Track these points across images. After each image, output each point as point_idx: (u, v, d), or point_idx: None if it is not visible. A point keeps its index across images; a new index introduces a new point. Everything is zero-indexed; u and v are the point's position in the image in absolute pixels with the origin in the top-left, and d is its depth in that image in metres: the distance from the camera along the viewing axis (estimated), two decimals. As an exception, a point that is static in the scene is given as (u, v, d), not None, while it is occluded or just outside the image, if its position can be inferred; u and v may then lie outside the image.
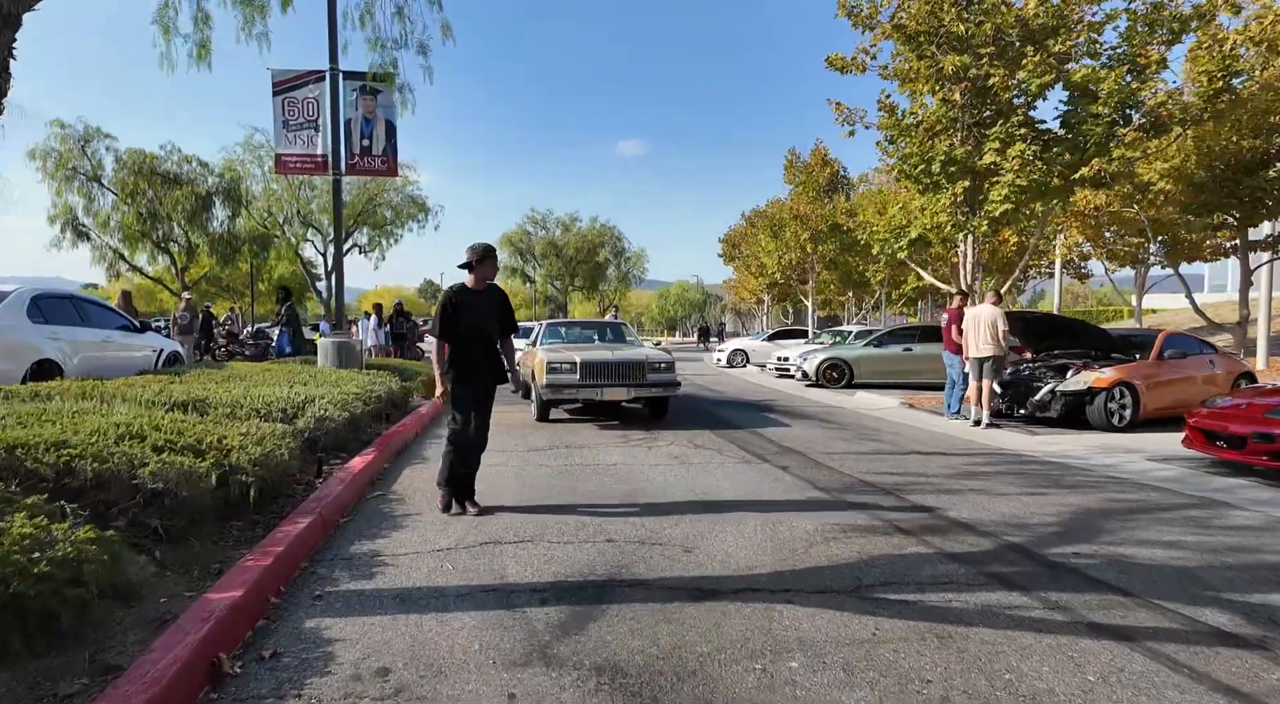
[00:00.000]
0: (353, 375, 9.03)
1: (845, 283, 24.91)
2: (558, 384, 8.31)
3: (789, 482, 5.55)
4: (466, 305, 4.51)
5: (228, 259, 24.43)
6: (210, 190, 23.23)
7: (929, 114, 10.84)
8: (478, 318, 4.55)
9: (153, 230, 22.51)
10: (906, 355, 14.21)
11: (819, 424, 9.08)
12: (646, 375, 8.47)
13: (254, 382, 7.49)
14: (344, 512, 4.49)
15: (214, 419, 5.01)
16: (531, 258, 43.15)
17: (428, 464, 6.16)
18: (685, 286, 69.19)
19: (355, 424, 6.76)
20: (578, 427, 8.51)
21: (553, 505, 4.77)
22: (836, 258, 20.21)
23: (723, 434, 8.02)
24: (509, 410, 10.01)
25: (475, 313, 4.54)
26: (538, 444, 7.24)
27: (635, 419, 9.23)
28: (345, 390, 7.43)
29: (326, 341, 10.39)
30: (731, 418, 9.61)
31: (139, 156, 21.76)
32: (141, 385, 6.34)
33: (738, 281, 35.42)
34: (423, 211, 28.55)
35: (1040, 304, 64.72)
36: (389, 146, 10.56)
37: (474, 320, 4.53)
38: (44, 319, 7.24)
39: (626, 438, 7.67)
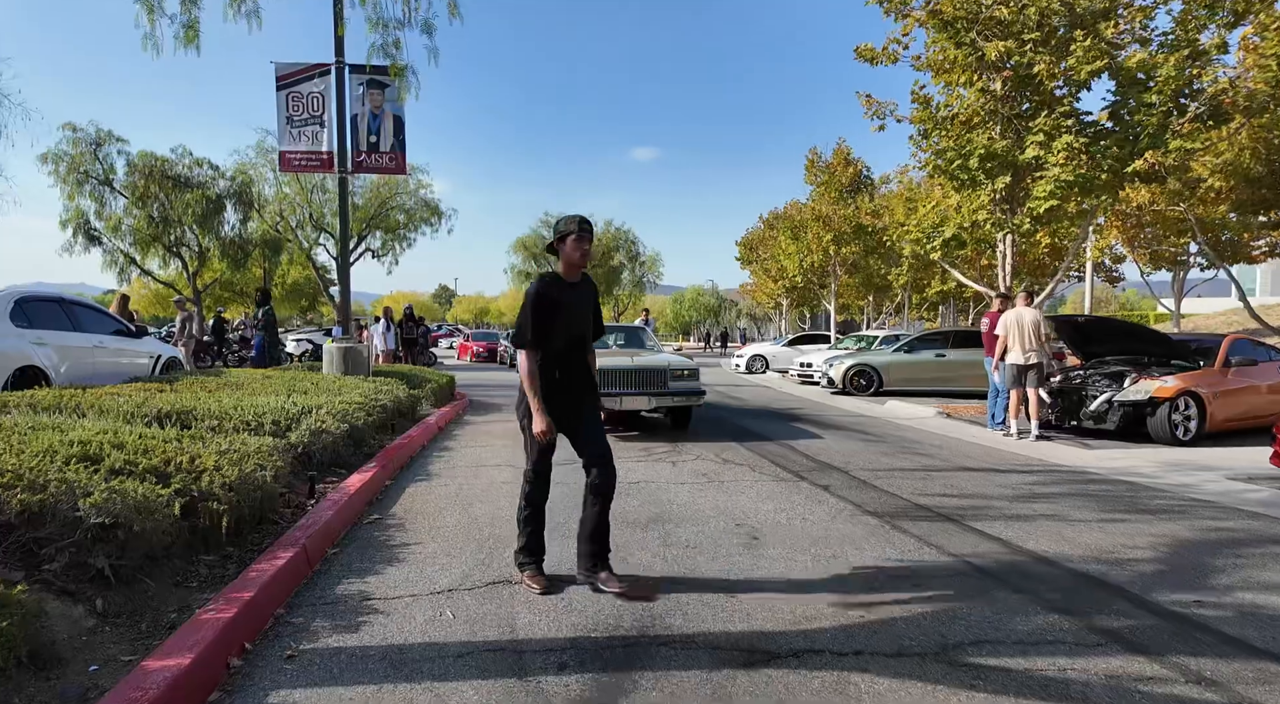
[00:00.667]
0: (357, 383, 8.55)
1: (866, 286, 24.22)
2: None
3: (834, 505, 4.95)
4: (564, 303, 3.24)
5: (239, 263, 24.17)
6: (221, 194, 23.00)
7: (966, 105, 10.22)
8: (577, 320, 3.32)
9: (164, 234, 22.29)
10: (939, 361, 13.53)
11: (854, 436, 8.46)
12: (668, 383, 7.91)
13: (250, 390, 7.02)
14: (334, 540, 3.96)
15: (195, 434, 4.51)
16: (546, 262, 42.66)
17: (432, 481, 5.63)
18: (700, 291, 68.50)
19: (356, 437, 6.26)
20: (595, 438, 7.94)
21: (570, 532, 4.21)
22: (859, 260, 19.55)
23: (752, 447, 7.43)
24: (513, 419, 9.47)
25: (574, 312, 3.29)
26: (553, 458, 6.68)
27: (657, 430, 8.66)
28: (348, 399, 6.94)
29: (332, 347, 9.93)
30: (759, 429, 9.01)
31: (150, 160, 21.55)
32: (126, 395, 5.88)
33: (755, 285, 34.75)
34: (436, 215, 28.19)
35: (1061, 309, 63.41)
36: (397, 142, 10.10)
37: (573, 323, 3.30)
38: (28, 323, 6.80)
39: (649, 451, 7.10)
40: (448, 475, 5.86)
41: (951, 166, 10.45)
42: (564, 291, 3.25)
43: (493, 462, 6.49)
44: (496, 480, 5.66)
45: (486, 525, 4.35)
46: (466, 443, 7.65)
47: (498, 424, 9.26)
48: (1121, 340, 9.25)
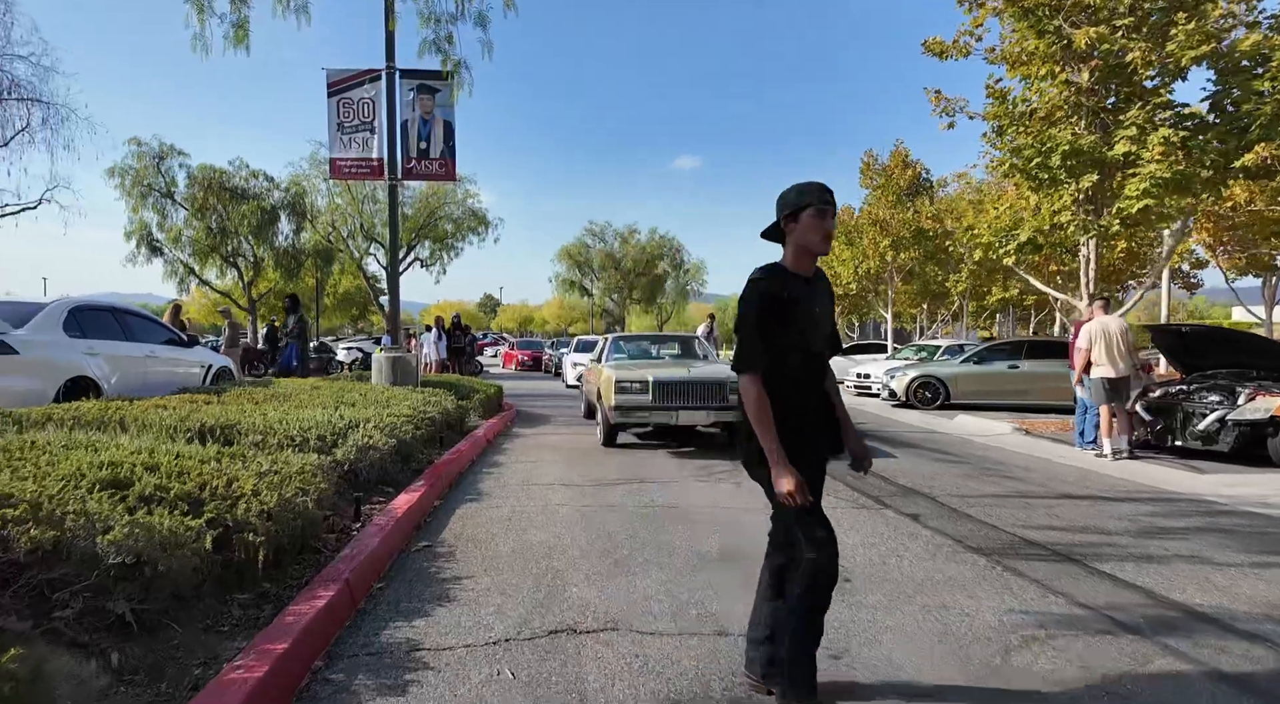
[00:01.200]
0: (406, 394, 8.31)
1: (923, 294, 23.26)
2: (628, 405, 7.35)
3: (929, 539, 4.40)
4: (801, 305, 2.27)
5: (292, 273, 24.63)
6: (276, 204, 23.48)
7: (1047, 99, 9.50)
8: (818, 329, 2.34)
9: (221, 245, 22.85)
10: (1012, 373, 12.69)
11: (930, 455, 7.82)
12: (728, 396, 7.42)
13: (297, 402, 6.81)
14: (380, 572, 3.61)
15: (237, 451, 4.23)
16: (590, 270, 42.65)
17: (483, 502, 5.27)
18: (744, 299, 67.70)
19: (404, 452, 5.97)
20: (650, 455, 7.51)
21: (635, 566, 3.78)
22: (917, 267, 18.71)
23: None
24: (567, 433, 9.11)
25: (814, 319, 2.32)
26: (606, 477, 6.28)
27: (713, 445, 8.18)
28: (396, 411, 6.67)
29: (380, 357, 9.75)
30: (823, 445, 8.44)
31: (209, 172, 22.15)
32: (172, 407, 5.70)
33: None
34: (483, 224, 28.31)
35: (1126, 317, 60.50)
36: (447, 149, 9.91)
37: (812, 334, 2.32)
38: (81, 333, 6.73)
39: (709, 470, 6.63)
40: (499, 495, 5.50)
41: (1030, 165, 9.72)
42: (799, 289, 2.26)
43: (545, 479, 6.11)
44: (551, 502, 5.27)
45: (543, 556, 3.95)
46: (516, 457, 7.31)
47: (546, 436, 8.92)
48: (1226, 352, 8.38)
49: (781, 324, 2.24)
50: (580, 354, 18.22)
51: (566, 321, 72.92)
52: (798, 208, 2.27)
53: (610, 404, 7.39)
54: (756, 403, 2.20)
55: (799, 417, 2.26)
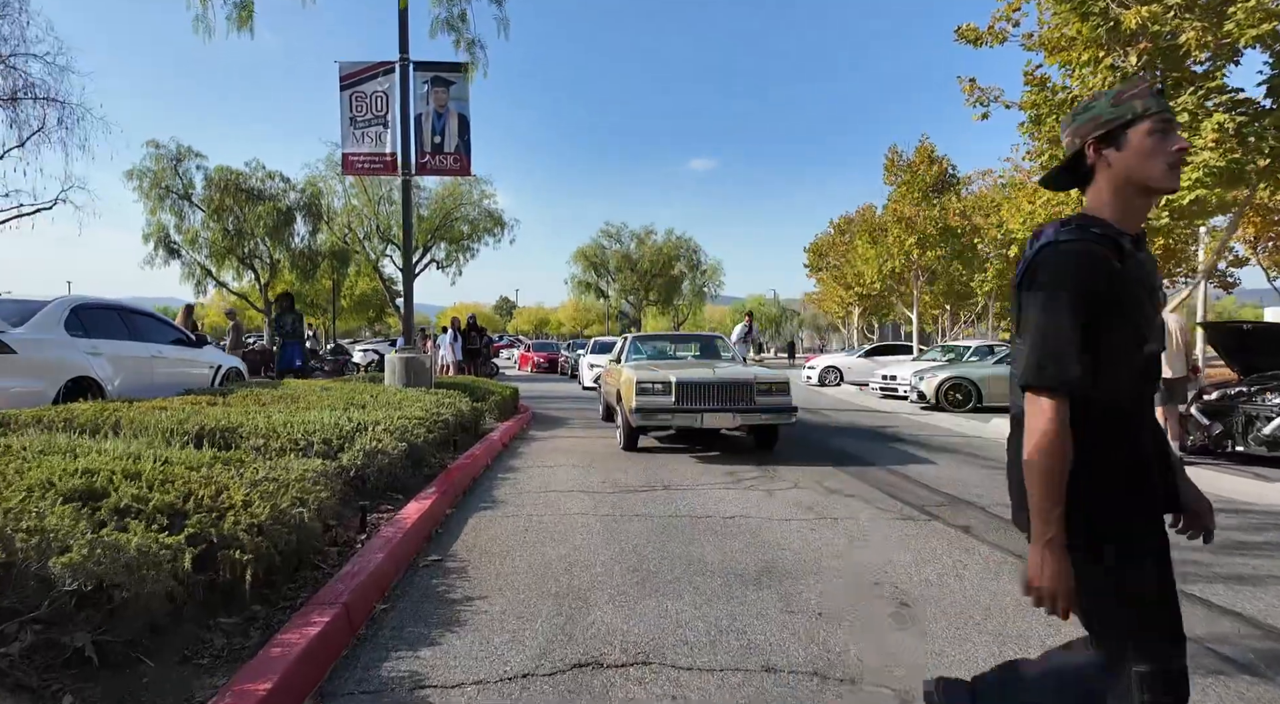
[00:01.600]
0: (419, 396, 8.01)
1: (947, 294, 22.66)
2: (649, 408, 6.99)
3: (987, 556, 3.99)
4: (1134, 285, 1.42)
5: (308, 274, 24.58)
6: (292, 206, 23.43)
7: (1090, 86, 9.01)
8: (1150, 323, 1.46)
9: (238, 246, 22.82)
10: (1046, 375, 12.14)
11: (971, 461, 7.38)
12: (755, 398, 7.03)
13: (305, 403, 6.52)
14: (384, 590, 3.28)
15: (234, 456, 3.93)
16: (606, 272, 42.34)
17: (498, 510, 4.93)
18: (761, 301, 66.99)
19: (415, 456, 5.66)
20: (673, 459, 7.15)
21: (665, 585, 3.42)
22: (942, 266, 18.16)
23: (857, 474, 6.48)
24: (584, 437, 8.77)
25: (1146, 305, 1.45)
26: (628, 482, 5.93)
27: (739, 449, 7.80)
28: (408, 413, 6.36)
29: (394, 358, 9.47)
30: (855, 450, 8.03)
31: (225, 173, 22.13)
32: (173, 409, 5.43)
33: (822, 293, 33.35)
34: (499, 225, 28.11)
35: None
36: (461, 143, 9.62)
37: (1147, 327, 1.45)
38: (84, 332, 6.50)
39: (736, 476, 6.25)
40: (514, 503, 5.16)
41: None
42: (1129, 256, 1.43)
43: (562, 486, 5.76)
44: (569, 511, 4.92)
45: (562, 573, 3.60)
46: (532, 462, 6.97)
47: (563, 440, 8.57)
48: (1287, 351, 7.86)
49: (1115, 313, 1.39)
50: (597, 356, 17.89)
51: (582, 324, 72.76)
52: (1120, 122, 1.43)
53: (631, 406, 7.04)
54: (1051, 440, 1.35)
55: (1136, 464, 1.43)
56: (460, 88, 9.52)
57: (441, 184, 27.59)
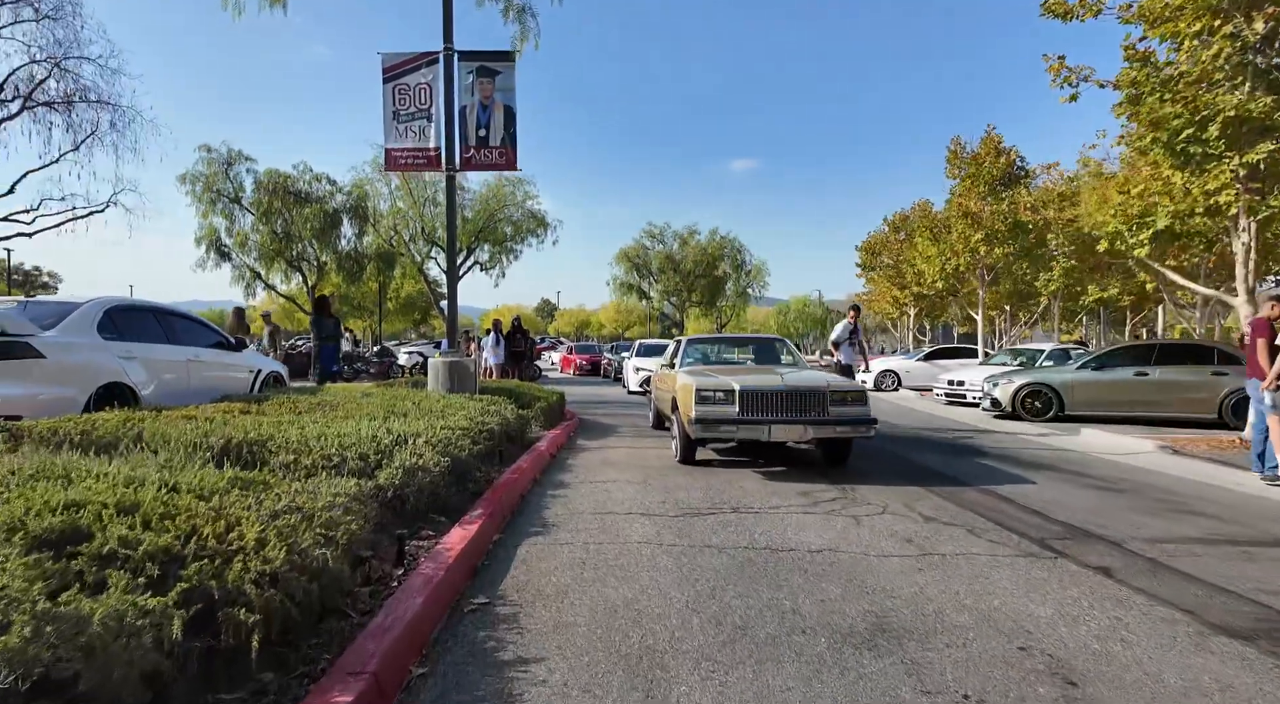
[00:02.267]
0: (463, 402, 7.55)
1: (1012, 294, 21.40)
2: (711, 419, 6.36)
3: (1147, 611, 3.25)
4: None
5: (354, 277, 24.66)
6: (338, 208, 23.51)
7: (1202, 59, 8.05)
8: None
9: (286, 249, 23.00)
10: (1140, 381, 11.10)
11: (1075, 480, 6.55)
12: (828, 408, 6.34)
13: (344, 412, 6.10)
14: (421, 648, 2.74)
15: (259, 476, 3.47)
16: (648, 273, 41.80)
17: (550, 535, 4.38)
18: (806, 302, 65.56)
19: (460, 470, 5.16)
20: (736, 474, 6.51)
21: (758, 647, 2.79)
22: (1009, 264, 17.01)
23: (947, 495, 5.74)
24: (636, 447, 8.17)
25: None
26: (692, 503, 5.32)
27: (807, 463, 7.12)
28: (452, 423, 5.89)
29: (437, 362, 9.05)
30: (937, 465, 7.26)
31: (274, 176, 22.31)
32: (203, 418, 5.04)
33: (875, 293, 32.14)
34: (542, 226, 27.83)
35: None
36: (507, 136, 9.15)
37: None
38: (118, 335, 6.20)
39: (811, 497, 5.58)
40: (568, 528, 4.60)
41: (1177, 138, 8.29)
42: None
43: (620, 507, 5.18)
44: (631, 538, 4.34)
45: (631, 625, 3.01)
46: (583, 476, 6.42)
47: (614, 450, 8.01)
48: None
49: None
50: (644, 359, 17.33)
51: (623, 325, 72.44)
52: None
53: (690, 417, 6.42)
54: None
55: None
56: (506, 78, 9.05)
57: (485, 185, 27.49)
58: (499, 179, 27.07)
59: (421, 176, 27.24)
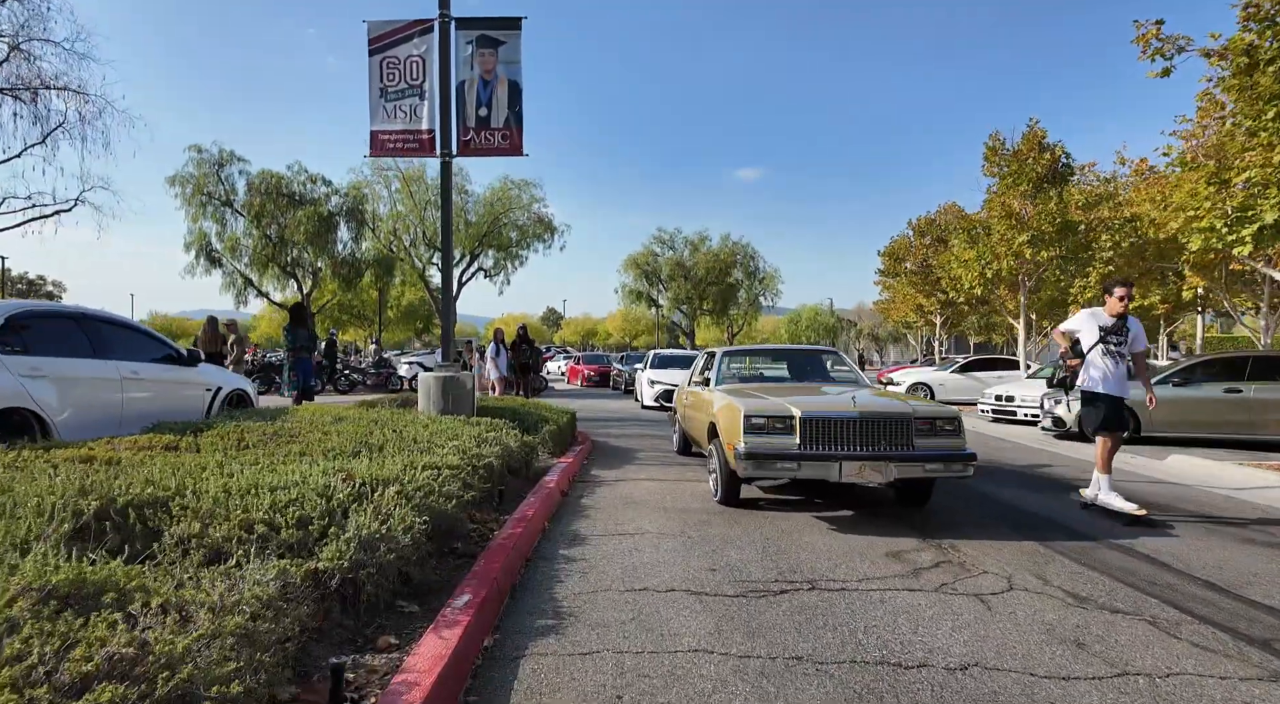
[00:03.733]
0: (457, 427, 6.31)
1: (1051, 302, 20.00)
2: (764, 452, 5.05)
3: None
4: None
5: (350, 283, 23.47)
6: (334, 211, 22.35)
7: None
8: None
9: (279, 254, 21.84)
10: (1230, 399, 9.75)
11: (1216, 530, 5.22)
12: (914, 440, 5.03)
13: (302, 444, 4.85)
14: None
15: (136, 569, 2.20)
16: (657, 280, 40.54)
17: (565, 638, 3.08)
18: (817, 311, 64.06)
19: (447, 527, 3.92)
20: (794, 521, 5.22)
21: None
22: (1055, 268, 15.66)
23: (1075, 555, 4.43)
24: (662, 479, 6.86)
25: None
26: (751, 571, 4.03)
27: (874, 500, 5.82)
28: (439, 458, 4.64)
29: (429, 378, 7.80)
30: (1032, 505, 5.95)
31: (267, 177, 21.20)
32: (103, 459, 3.79)
33: (896, 300, 30.73)
34: (549, 231, 26.63)
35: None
36: (512, 116, 7.93)
37: None
38: (23, 348, 4.97)
39: (904, 559, 4.28)
40: (589, 620, 3.31)
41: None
42: None
43: (656, 577, 3.89)
44: (682, 639, 3.05)
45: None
46: (603, 523, 5.13)
47: (636, 483, 6.72)
48: None
49: None
50: (660, 371, 16.06)
51: (630, 334, 71.22)
52: None
53: (737, 449, 5.12)
54: None
55: None
56: (511, 49, 7.84)
57: (489, 188, 26.31)
58: (504, 181, 25.99)
59: (423, 178, 26.12)
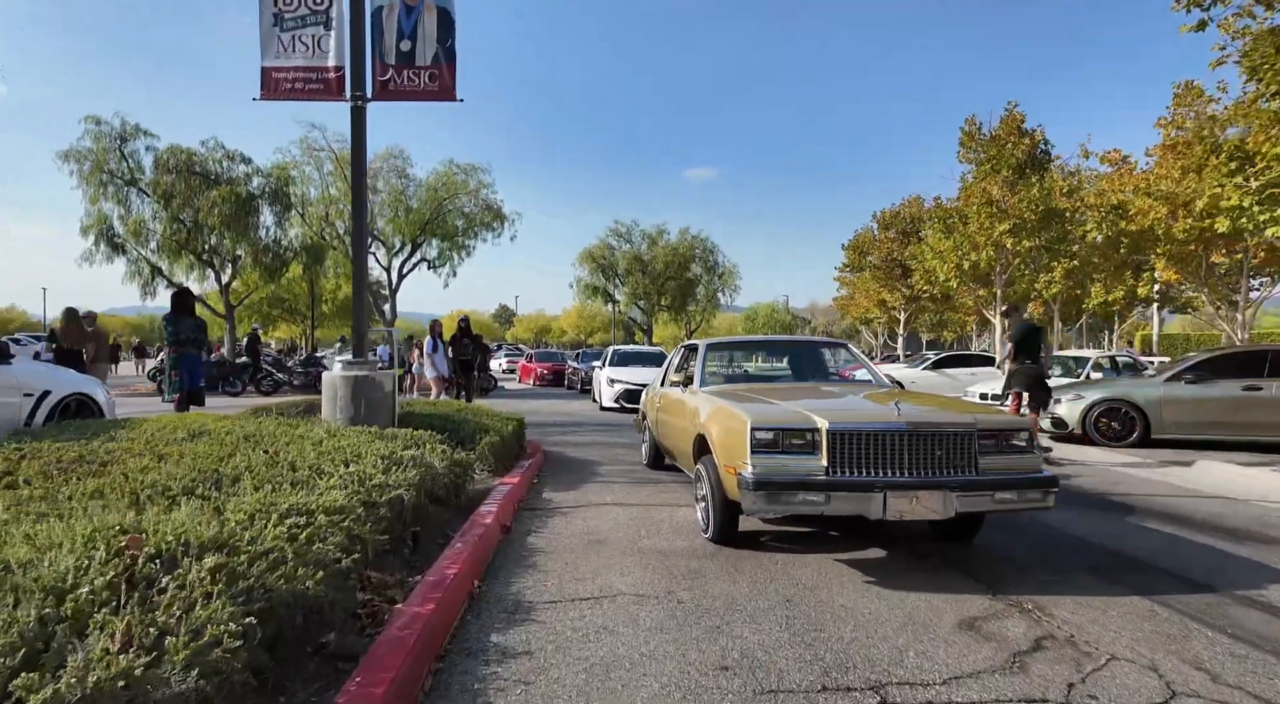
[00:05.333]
0: (364, 443, 4.80)
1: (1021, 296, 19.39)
2: (779, 479, 3.68)
3: None
4: None
5: (275, 273, 21.24)
6: (255, 192, 20.13)
7: None
8: None
9: (194, 240, 19.52)
10: (1250, 397, 8.91)
11: (1350, 569, 4.10)
12: (975, 460, 3.75)
13: (115, 475, 3.27)
14: None
15: None
16: (614, 275, 39.09)
17: None
18: (774, 308, 63.64)
19: (312, 607, 2.47)
20: (805, 564, 3.91)
21: None
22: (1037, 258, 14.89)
23: (1207, 615, 3.22)
24: (634, 503, 5.44)
25: None
26: (767, 656, 2.71)
27: (906, 535, 4.54)
28: (317, 498, 3.19)
29: (335, 378, 6.22)
30: (1094, 535, 4.76)
31: (177, 153, 18.88)
32: None
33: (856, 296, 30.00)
34: (498, 220, 24.86)
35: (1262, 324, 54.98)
36: (442, 51, 6.41)
37: None
38: None
39: (979, 630, 3.01)
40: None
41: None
42: None
43: (646, 695, 2.50)
44: None
45: None
46: (559, 585, 3.70)
47: (601, 511, 5.30)
48: None
49: None
50: (620, 369, 14.66)
51: (586, 331, 69.61)
52: None
53: (743, 475, 3.74)
54: None
55: None
56: (439, -34, 6.32)
57: (433, 172, 24.42)
58: (448, 165, 24.09)
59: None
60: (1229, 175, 8.21)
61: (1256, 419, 8.81)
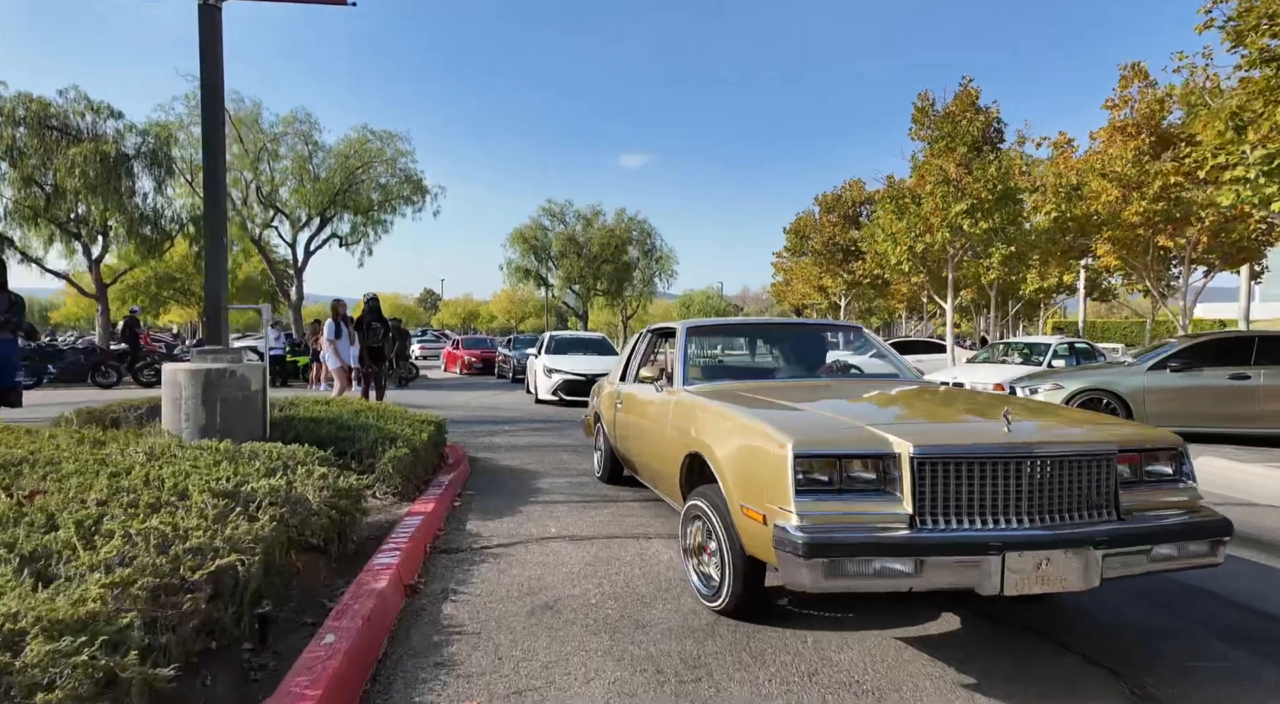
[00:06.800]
0: (206, 466, 3.25)
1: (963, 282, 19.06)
2: (851, 541, 2.38)
3: None
4: None
5: (155, 247, 18.48)
6: (129, 153, 17.34)
7: None
8: None
9: (53, 207, 16.61)
10: (1237, 386, 8.34)
11: None
12: (1119, 502, 2.57)
13: None
14: None
15: None
16: (547, 257, 37.25)
17: None
18: (710, 294, 63.13)
19: None
20: (850, 646, 2.67)
21: None
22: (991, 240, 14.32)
23: None
24: (586, 537, 4.06)
25: None
26: None
27: (965, 591, 3.39)
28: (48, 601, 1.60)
29: (179, 372, 4.56)
30: (1191, 577, 3.74)
31: (26, 102, 15.95)
32: None
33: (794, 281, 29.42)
34: (419, 193, 22.72)
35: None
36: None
37: None
38: None
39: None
40: None
41: None
42: None
43: None
44: None
45: None
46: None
47: (544, 550, 3.92)
48: None
49: None
50: (558, 357, 13.21)
51: (517, 317, 67.27)
52: None
53: (786, 529, 2.42)
54: None
55: None
56: None
57: (344, 140, 21.97)
58: (362, 132, 21.67)
59: (257, 123, 21.41)
60: (1232, 143, 7.53)
61: (1242, 410, 8.26)
